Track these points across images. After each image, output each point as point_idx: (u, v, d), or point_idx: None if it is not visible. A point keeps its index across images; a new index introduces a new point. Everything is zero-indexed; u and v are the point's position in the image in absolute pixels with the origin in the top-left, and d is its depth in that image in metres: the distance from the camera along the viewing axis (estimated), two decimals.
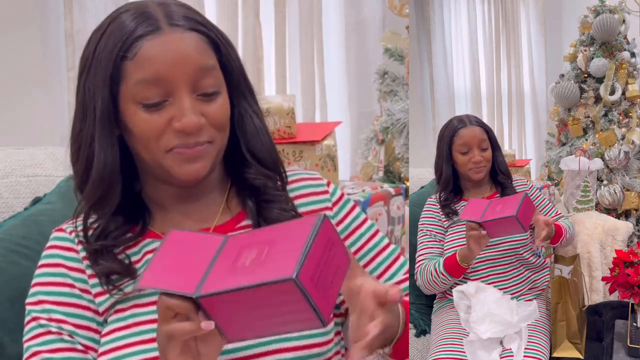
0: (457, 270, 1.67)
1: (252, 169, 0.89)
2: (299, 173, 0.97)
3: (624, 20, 3.10)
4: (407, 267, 0.99)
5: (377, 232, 0.99)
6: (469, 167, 1.81)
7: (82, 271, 0.86)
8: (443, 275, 1.69)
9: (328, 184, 0.98)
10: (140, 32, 0.78)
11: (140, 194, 0.91)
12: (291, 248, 0.59)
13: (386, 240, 1.00)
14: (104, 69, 0.79)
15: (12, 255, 1.09)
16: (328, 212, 0.94)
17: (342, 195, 0.98)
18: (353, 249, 0.95)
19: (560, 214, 1.95)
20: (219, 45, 0.83)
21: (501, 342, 1.57)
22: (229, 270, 0.62)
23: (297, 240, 0.59)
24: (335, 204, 0.96)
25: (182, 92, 0.79)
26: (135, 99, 0.79)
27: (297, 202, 0.93)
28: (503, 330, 1.54)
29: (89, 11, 2.28)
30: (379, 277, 0.96)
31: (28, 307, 0.86)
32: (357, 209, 0.99)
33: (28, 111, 2.14)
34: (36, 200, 1.25)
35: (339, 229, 0.94)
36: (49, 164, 1.34)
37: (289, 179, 0.95)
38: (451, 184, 1.87)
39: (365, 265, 0.95)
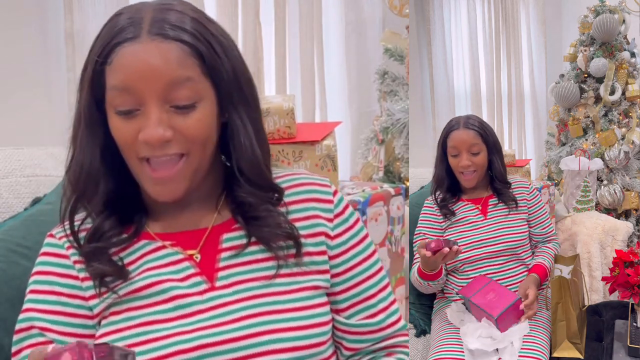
0: (428, 276, 1.67)
1: (242, 187, 0.87)
2: (305, 177, 0.94)
3: (624, 20, 3.10)
4: (398, 314, 0.96)
5: (374, 252, 0.97)
6: (459, 171, 1.80)
7: (72, 277, 0.86)
8: (420, 281, 1.70)
9: (335, 193, 0.95)
10: (120, 39, 0.78)
11: (138, 192, 0.90)
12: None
13: (379, 265, 0.96)
14: (89, 71, 0.80)
15: (12, 255, 1.09)
16: (327, 223, 0.92)
17: (345, 208, 0.95)
18: (342, 268, 0.92)
19: (553, 232, 1.93)
20: (204, 56, 0.80)
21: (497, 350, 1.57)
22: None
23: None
24: (337, 216, 0.93)
25: (150, 104, 0.78)
26: (112, 104, 0.80)
27: (298, 206, 0.91)
28: (492, 344, 1.55)
29: (89, 11, 2.27)
30: (361, 302, 0.93)
31: (19, 317, 0.87)
32: (358, 225, 0.96)
33: (28, 111, 2.14)
34: (36, 201, 1.25)
35: (335, 242, 0.92)
36: (49, 164, 1.34)
37: (295, 182, 0.93)
38: (445, 183, 1.86)
39: (349, 289, 0.93)
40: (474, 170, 1.78)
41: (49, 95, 2.25)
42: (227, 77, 0.83)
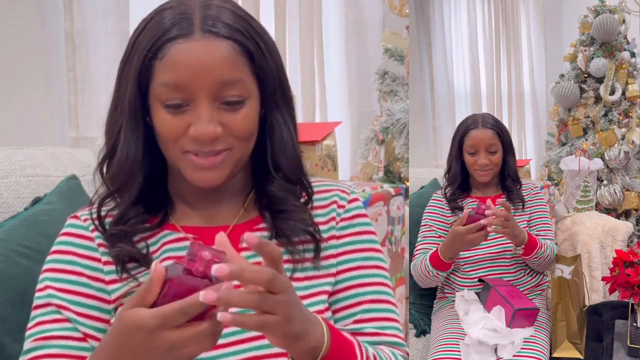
0: (443, 264, 1.67)
1: (275, 182, 0.89)
2: (330, 184, 0.97)
3: (624, 20, 3.10)
4: (393, 330, 0.92)
5: (377, 267, 0.94)
6: (475, 169, 1.82)
7: (95, 259, 0.87)
8: (430, 270, 1.69)
9: (352, 201, 0.95)
10: (172, 35, 0.78)
11: (167, 185, 0.91)
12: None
13: (381, 280, 0.94)
14: (135, 65, 0.81)
15: (12, 255, 1.09)
16: (335, 226, 0.93)
17: (355, 216, 0.95)
18: (339, 268, 0.92)
19: (551, 232, 1.92)
20: (253, 55, 0.82)
21: (495, 351, 1.57)
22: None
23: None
24: (342, 220, 0.94)
25: (202, 101, 0.79)
26: (159, 98, 0.80)
27: (321, 211, 0.93)
28: (494, 337, 1.54)
29: (89, 11, 2.27)
30: (345, 308, 0.91)
31: (35, 295, 0.86)
32: (365, 237, 0.95)
33: (28, 111, 2.14)
34: (36, 201, 1.25)
35: (337, 242, 0.92)
36: (49, 164, 1.34)
37: (320, 188, 0.95)
38: (458, 180, 1.88)
39: (334, 292, 0.91)
40: (490, 169, 1.81)
41: (49, 95, 2.25)
42: (271, 76, 0.85)
